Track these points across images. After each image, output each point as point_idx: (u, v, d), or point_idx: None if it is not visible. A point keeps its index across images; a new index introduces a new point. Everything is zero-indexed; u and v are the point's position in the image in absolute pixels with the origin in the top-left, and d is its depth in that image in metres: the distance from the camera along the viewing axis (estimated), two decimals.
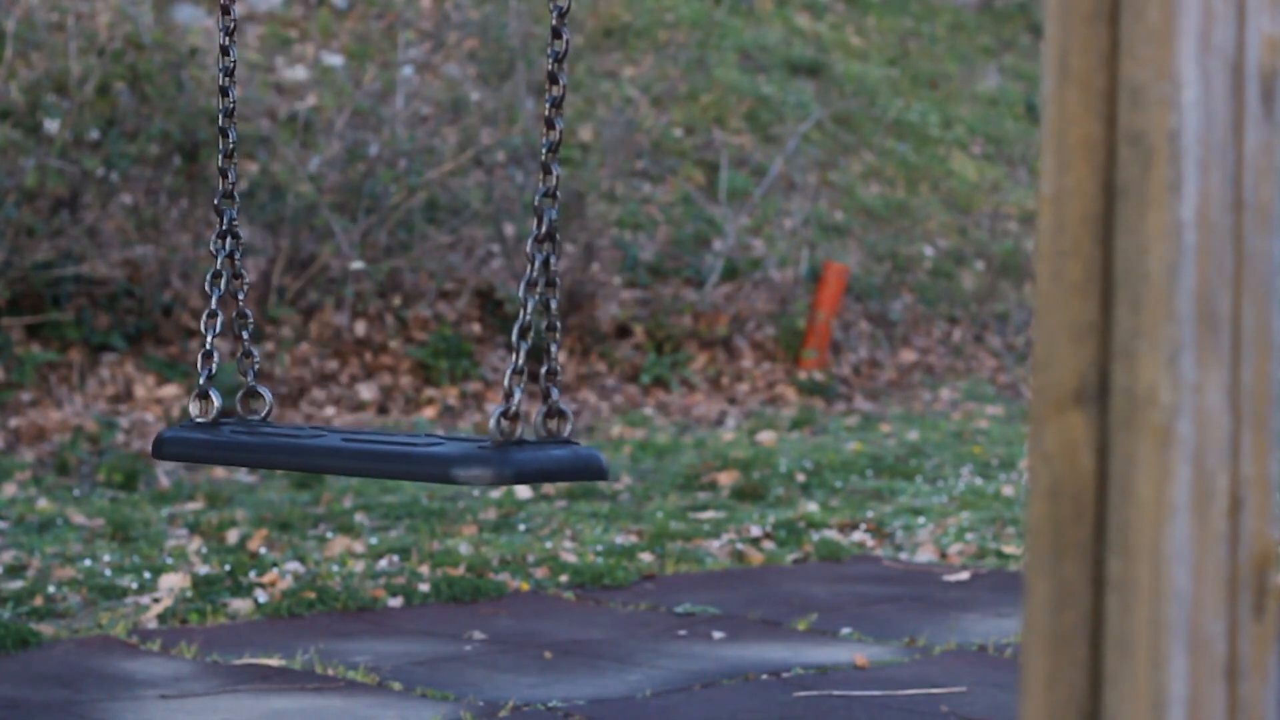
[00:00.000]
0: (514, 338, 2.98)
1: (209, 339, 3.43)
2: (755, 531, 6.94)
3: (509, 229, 11.03)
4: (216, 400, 3.37)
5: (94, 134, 9.47)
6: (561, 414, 3.06)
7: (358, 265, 10.20)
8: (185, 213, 9.94)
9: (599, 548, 6.58)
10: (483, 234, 11.09)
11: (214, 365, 3.41)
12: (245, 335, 3.52)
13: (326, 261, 10.22)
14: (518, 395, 2.95)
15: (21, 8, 9.83)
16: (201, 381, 3.38)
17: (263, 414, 3.45)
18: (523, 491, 7.61)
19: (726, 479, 7.93)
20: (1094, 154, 1.73)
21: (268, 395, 3.47)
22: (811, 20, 15.69)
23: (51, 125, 9.36)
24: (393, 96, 11.34)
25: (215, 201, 3.48)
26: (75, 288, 9.48)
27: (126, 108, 9.60)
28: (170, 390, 9.38)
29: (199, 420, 3.37)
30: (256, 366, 3.50)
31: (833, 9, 16.02)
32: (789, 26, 15.38)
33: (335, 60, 12.17)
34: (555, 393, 3.08)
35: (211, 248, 3.48)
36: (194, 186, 9.88)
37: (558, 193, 3.08)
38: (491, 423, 2.95)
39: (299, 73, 11.88)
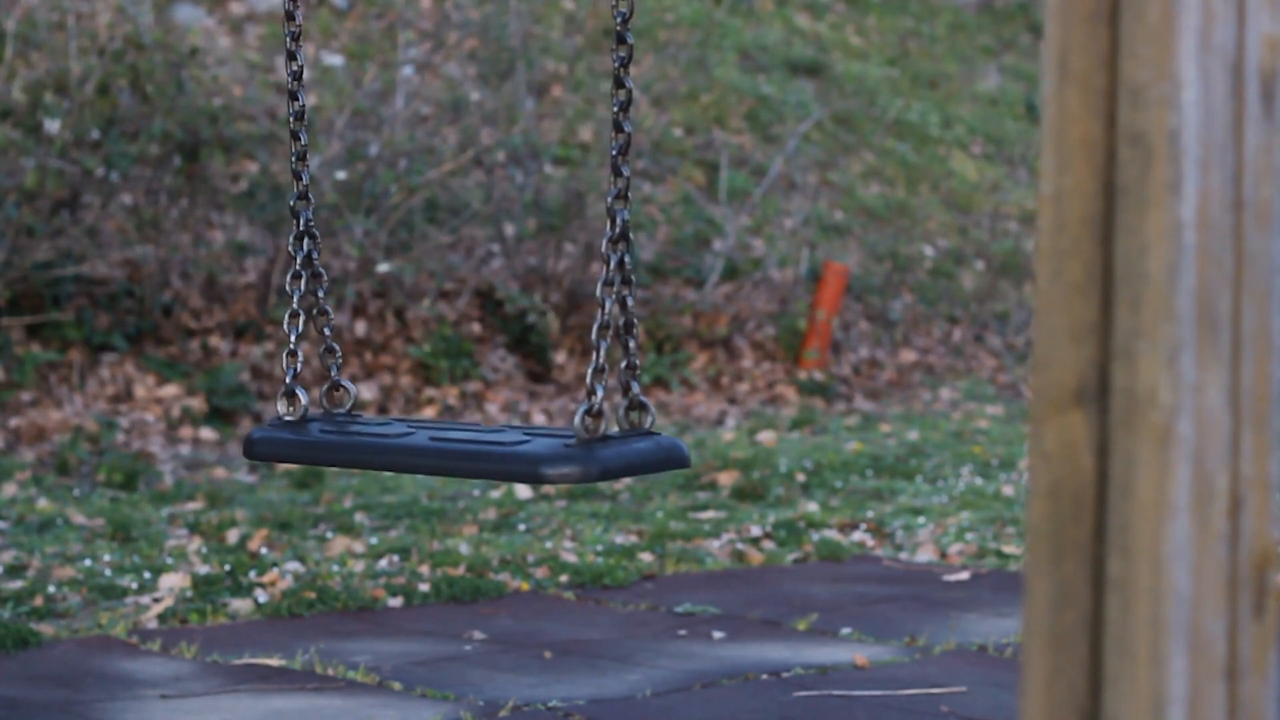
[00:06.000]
0: (593, 337, 3.01)
1: (292, 338, 3.43)
2: (755, 531, 6.93)
3: (509, 229, 11.03)
4: (303, 398, 3.37)
5: (94, 134, 9.46)
6: (643, 406, 3.09)
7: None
8: (185, 213, 9.94)
9: (599, 548, 6.58)
10: (483, 234, 11.09)
11: (298, 364, 3.41)
12: (327, 331, 3.52)
13: (327, 262, 10.21)
14: (600, 392, 2.97)
15: (22, 8, 9.82)
16: (288, 380, 3.38)
17: (348, 408, 3.45)
18: (523, 491, 7.60)
19: (726, 479, 7.92)
20: (1094, 154, 1.73)
21: (352, 389, 3.47)
22: (811, 20, 15.69)
23: (52, 125, 9.35)
24: (393, 96, 11.33)
25: (291, 204, 3.49)
26: (75, 288, 9.47)
27: (127, 108, 9.59)
28: (170, 390, 9.38)
29: (287, 419, 3.37)
30: (339, 361, 3.51)
31: (833, 9, 16.01)
32: (789, 26, 15.38)
33: (335, 60, 12.17)
34: (636, 386, 3.11)
35: (289, 249, 3.49)
36: (194, 186, 9.87)
37: (629, 194, 3.10)
38: (576, 420, 2.97)
39: None
